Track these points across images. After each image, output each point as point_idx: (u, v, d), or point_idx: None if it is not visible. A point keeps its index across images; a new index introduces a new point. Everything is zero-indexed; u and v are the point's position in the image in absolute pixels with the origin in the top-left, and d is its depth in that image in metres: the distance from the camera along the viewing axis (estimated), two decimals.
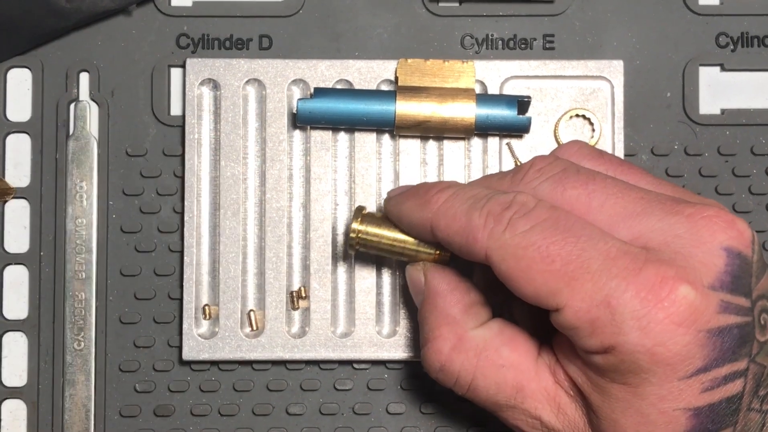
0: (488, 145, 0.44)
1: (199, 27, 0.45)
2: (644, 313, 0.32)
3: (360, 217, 0.39)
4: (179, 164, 0.44)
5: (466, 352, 0.36)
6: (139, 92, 0.45)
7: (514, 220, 0.33)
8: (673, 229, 0.33)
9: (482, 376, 0.36)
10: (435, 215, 0.35)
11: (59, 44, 0.45)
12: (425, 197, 0.36)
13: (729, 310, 0.33)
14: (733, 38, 0.45)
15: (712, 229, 0.33)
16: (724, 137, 0.45)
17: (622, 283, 0.32)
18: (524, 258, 0.33)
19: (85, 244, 0.44)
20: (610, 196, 0.34)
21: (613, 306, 0.32)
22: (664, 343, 0.32)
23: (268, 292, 0.43)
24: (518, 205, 0.34)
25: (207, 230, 0.44)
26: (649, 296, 0.32)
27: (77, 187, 0.44)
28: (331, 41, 0.45)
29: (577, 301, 0.32)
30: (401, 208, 0.37)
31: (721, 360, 0.33)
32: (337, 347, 0.43)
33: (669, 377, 0.32)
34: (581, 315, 0.32)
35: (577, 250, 0.32)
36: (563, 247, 0.32)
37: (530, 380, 0.36)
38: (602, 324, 0.32)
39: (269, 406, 0.44)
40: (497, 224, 0.33)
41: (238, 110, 0.44)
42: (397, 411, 0.44)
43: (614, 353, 0.32)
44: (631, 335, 0.32)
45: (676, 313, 0.32)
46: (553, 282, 0.32)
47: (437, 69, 0.43)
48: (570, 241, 0.32)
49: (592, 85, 0.44)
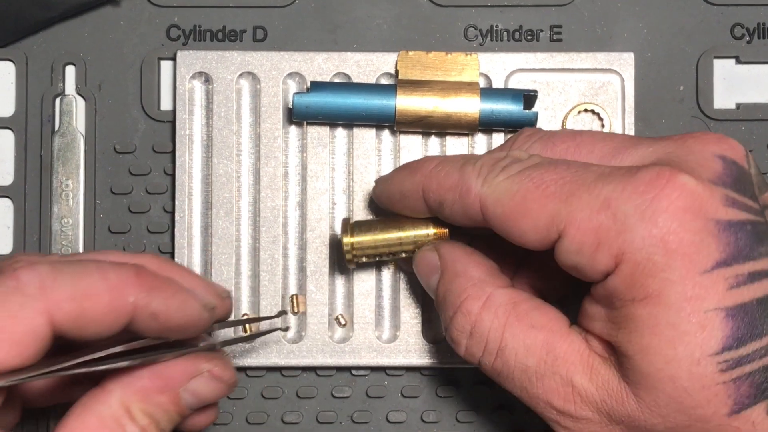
0: (493, 142, 0.44)
1: (191, 18, 0.44)
2: (646, 204, 0.32)
3: (349, 230, 0.40)
4: (170, 161, 0.44)
5: (495, 309, 0.36)
6: (128, 86, 0.44)
7: (508, 166, 0.35)
8: (663, 150, 0.34)
9: (512, 336, 0.35)
10: (427, 177, 0.37)
11: (44, 36, 0.44)
12: (415, 165, 0.38)
13: (737, 205, 0.33)
14: (749, 29, 0.45)
15: (704, 142, 0.34)
16: (739, 133, 0.44)
17: (619, 185, 0.32)
18: (519, 191, 0.34)
19: (71, 245, 0.44)
20: (598, 142, 0.36)
21: (613, 207, 0.32)
22: (674, 232, 0.32)
23: (262, 296, 0.43)
24: (511, 157, 0.35)
25: (199, 230, 0.43)
26: (648, 189, 0.32)
27: (63, 186, 0.44)
28: (328, 33, 0.44)
29: (576, 215, 0.33)
30: (391, 181, 0.39)
31: (740, 256, 0.32)
32: (334, 353, 0.43)
33: (689, 272, 0.32)
34: (583, 227, 0.33)
35: (570, 173, 0.33)
36: (556, 172, 0.34)
37: (562, 341, 0.35)
38: (606, 229, 0.32)
39: (264, 415, 0.44)
40: (491, 172, 0.35)
41: (231, 105, 0.43)
42: (398, 419, 0.44)
43: (625, 261, 0.32)
44: (638, 230, 0.32)
45: (679, 198, 0.32)
46: (550, 205, 0.33)
47: (439, 62, 0.43)
48: (562, 167, 0.34)
49: (602, 78, 0.43)
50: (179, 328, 0.34)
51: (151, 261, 0.35)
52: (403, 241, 0.39)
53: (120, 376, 0.34)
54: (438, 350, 0.43)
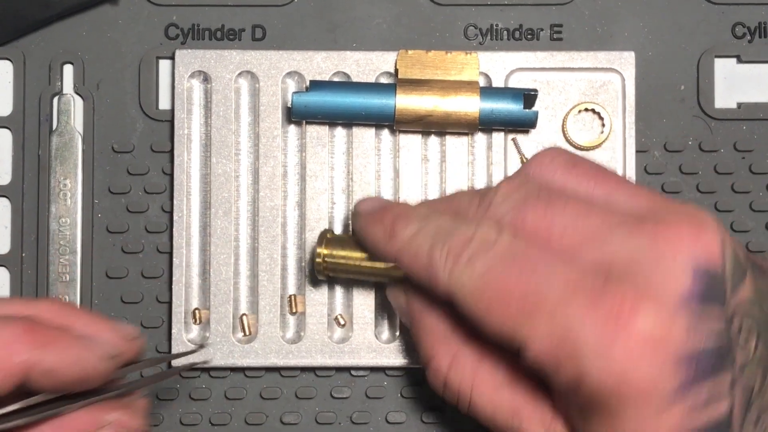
0: (493, 141, 0.43)
1: (189, 17, 0.44)
2: (605, 343, 0.31)
3: (324, 241, 0.40)
4: (168, 161, 0.44)
5: (462, 370, 0.36)
6: (126, 85, 0.44)
7: (473, 258, 0.34)
8: (636, 251, 0.33)
9: (479, 395, 0.36)
10: (399, 252, 0.36)
11: (42, 35, 0.44)
12: (391, 229, 0.37)
13: (699, 330, 0.32)
14: (751, 28, 0.44)
15: (676, 248, 0.32)
16: (740, 132, 0.44)
17: (579, 315, 0.32)
18: (483, 298, 0.33)
19: (69, 245, 0.44)
20: (569, 224, 0.34)
21: (573, 339, 0.32)
22: (631, 372, 0.31)
23: (261, 296, 0.43)
24: (479, 241, 0.34)
25: (197, 230, 0.43)
26: (608, 324, 0.31)
27: (61, 185, 0.44)
28: (327, 31, 0.44)
29: (537, 338, 0.32)
30: (367, 234, 0.38)
31: (699, 383, 0.32)
32: (333, 353, 0.43)
33: (644, 407, 0.32)
34: (543, 351, 0.32)
35: (534, 283, 0.33)
36: (520, 281, 0.33)
37: (527, 404, 0.35)
38: (565, 359, 0.32)
39: (263, 415, 0.44)
40: (456, 264, 0.34)
41: (229, 104, 0.43)
42: (397, 420, 0.44)
43: (583, 387, 0.32)
44: (596, 368, 0.31)
45: (639, 339, 0.31)
46: (512, 320, 0.33)
47: (439, 61, 0.42)
48: (526, 274, 0.33)
49: (602, 77, 0.43)
50: (77, 382, 0.33)
51: (49, 308, 0.34)
52: (375, 267, 0.39)
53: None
54: None
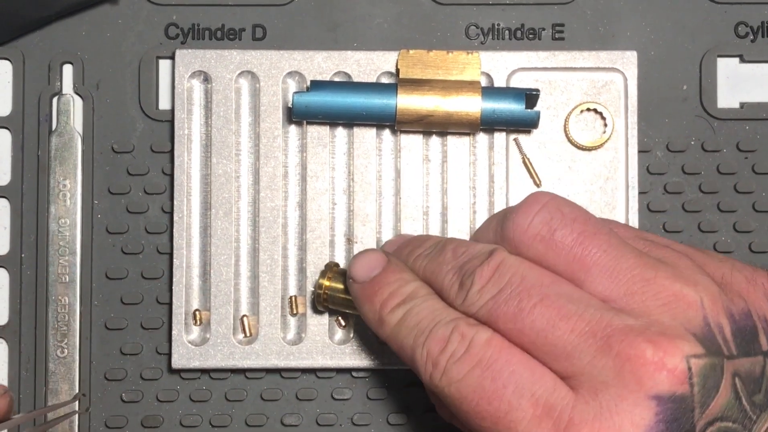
0: (494, 141, 0.43)
1: (189, 16, 0.44)
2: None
3: (329, 274, 0.41)
4: (168, 161, 0.44)
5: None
6: (126, 85, 0.44)
7: (449, 368, 0.35)
8: (602, 375, 0.33)
9: None
10: (387, 339, 0.37)
11: (41, 34, 0.44)
12: (379, 314, 0.37)
13: None
14: (753, 28, 0.44)
15: (639, 376, 0.32)
16: (743, 132, 0.44)
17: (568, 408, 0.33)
18: (462, 409, 0.34)
19: (68, 246, 0.43)
20: (539, 335, 0.34)
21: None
22: None
23: (262, 297, 0.43)
24: (454, 344, 0.35)
25: (197, 231, 0.43)
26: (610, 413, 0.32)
27: (60, 186, 0.44)
28: (328, 31, 0.44)
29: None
30: (360, 310, 0.38)
31: None
32: (334, 354, 0.43)
33: None
34: None
35: (503, 409, 0.34)
36: (491, 405, 0.34)
37: None
38: None
39: (263, 417, 0.43)
40: (435, 370, 0.35)
41: (230, 104, 0.43)
42: (399, 421, 0.44)
43: None
44: None
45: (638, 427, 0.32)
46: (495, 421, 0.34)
47: (440, 60, 0.42)
48: (496, 398, 0.34)
49: (605, 77, 0.43)
50: None
51: None
52: None
53: None
54: None
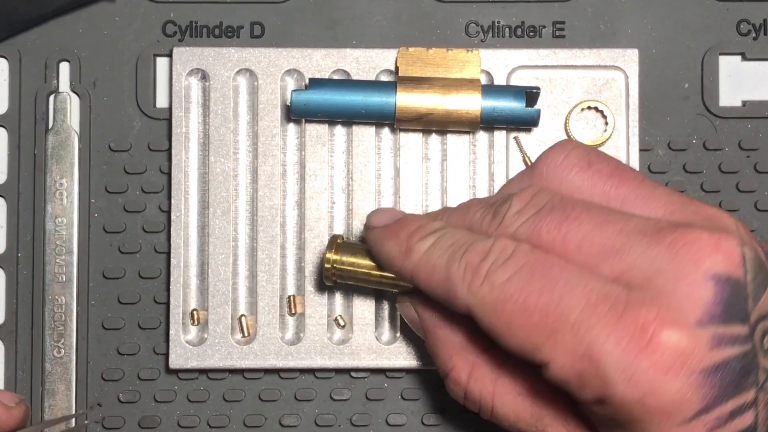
0: (494, 140, 0.43)
1: (187, 14, 0.44)
2: (628, 363, 0.31)
3: (335, 247, 0.40)
4: (165, 160, 0.44)
5: (482, 380, 0.37)
6: (123, 83, 0.44)
7: (492, 272, 0.34)
8: (655, 263, 0.33)
9: (501, 404, 0.36)
10: (415, 267, 0.36)
11: (38, 32, 0.44)
12: (406, 244, 0.37)
13: (724, 343, 0.32)
14: (756, 25, 0.44)
15: (696, 257, 0.32)
16: (745, 131, 0.44)
17: (603, 332, 0.32)
18: (504, 312, 0.33)
19: (65, 245, 0.43)
20: (586, 236, 0.34)
21: (595, 358, 0.32)
22: (654, 392, 0.31)
23: (260, 296, 0.43)
24: (496, 253, 0.34)
25: (195, 230, 0.43)
26: (631, 344, 0.31)
27: (57, 184, 0.43)
28: (327, 29, 0.44)
29: (560, 356, 0.32)
30: (381, 250, 0.38)
31: (723, 397, 0.32)
32: (333, 355, 0.42)
33: (669, 422, 0.32)
34: (566, 369, 0.32)
35: (555, 299, 0.33)
36: (541, 297, 0.33)
37: (549, 410, 0.36)
38: (589, 377, 0.32)
39: (261, 418, 0.43)
40: (475, 277, 0.34)
41: (228, 102, 0.43)
42: (398, 422, 0.43)
43: (608, 404, 0.32)
44: (618, 387, 0.32)
45: (661, 359, 0.31)
46: (534, 336, 0.33)
47: (440, 58, 0.42)
48: (547, 290, 0.33)
49: (605, 75, 0.43)
50: None
51: None
52: (383, 278, 0.39)
53: None
54: None
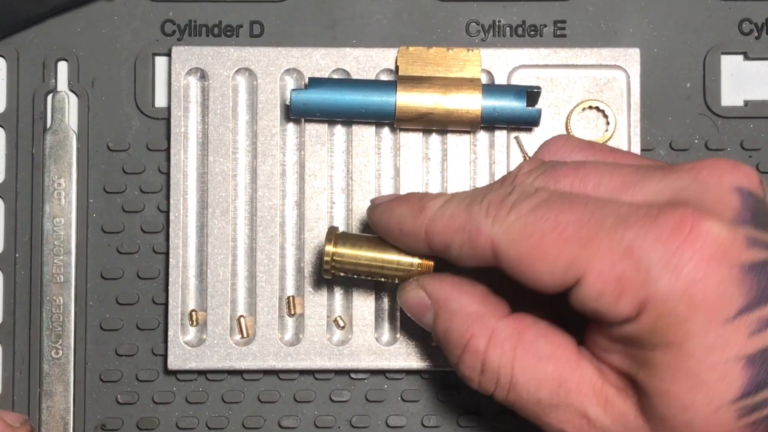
0: (495, 139, 0.43)
1: (186, 13, 0.44)
2: (670, 254, 0.31)
3: (333, 239, 0.39)
4: (164, 159, 0.43)
5: (501, 345, 0.35)
6: (122, 82, 0.44)
7: (518, 203, 0.33)
8: (677, 184, 0.33)
9: (522, 371, 0.35)
10: (432, 220, 0.35)
11: (36, 31, 0.44)
12: (419, 204, 0.36)
13: (758, 244, 0.32)
14: (758, 25, 0.44)
15: (718, 174, 0.33)
16: (747, 130, 0.44)
17: (641, 230, 0.31)
18: (534, 233, 0.32)
19: (63, 245, 0.43)
20: (604, 175, 0.34)
21: (636, 255, 0.31)
22: (698, 283, 0.31)
23: (259, 297, 0.42)
24: (518, 192, 0.34)
25: (194, 230, 0.43)
26: (672, 236, 0.31)
27: (55, 184, 0.43)
28: (326, 28, 0.44)
29: (597, 262, 0.32)
30: (391, 214, 0.37)
31: (763, 298, 0.32)
32: (333, 356, 0.42)
33: (712, 322, 0.31)
34: (604, 275, 0.32)
35: (588, 213, 0.32)
36: (573, 214, 0.32)
37: (573, 372, 0.34)
38: (628, 278, 0.31)
39: (260, 419, 0.43)
40: (501, 210, 0.33)
41: (227, 102, 0.43)
42: (398, 424, 0.43)
43: (648, 310, 0.31)
44: (662, 281, 0.31)
45: (703, 248, 0.31)
46: (568, 250, 0.32)
47: (441, 57, 0.42)
48: (578, 208, 0.32)
49: (607, 74, 0.43)
50: None
51: None
52: (385, 265, 0.38)
53: None
54: (439, 353, 0.42)
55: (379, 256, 0.38)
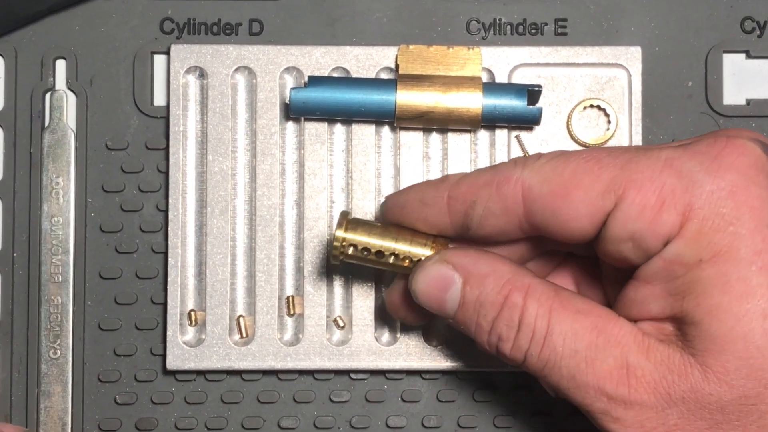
0: (496, 138, 0.43)
1: (185, 10, 0.44)
2: (711, 160, 0.32)
3: (345, 224, 0.38)
4: (163, 158, 0.43)
5: (539, 297, 0.34)
6: (120, 81, 0.44)
7: (547, 155, 0.34)
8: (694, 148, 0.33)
9: (558, 321, 0.34)
10: (455, 183, 0.35)
11: (34, 29, 0.44)
12: (439, 179, 0.36)
13: None
14: (760, 23, 0.44)
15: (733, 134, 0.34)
16: (749, 129, 0.43)
17: (678, 149, 0.32)
18: (568, 167, 0.33)
19: (61, 245, 0.43)
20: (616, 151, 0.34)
21: (677, 165, 0.32)
22: (742, 184, 0.32)
23: (258, 297, 0.42)
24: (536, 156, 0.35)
25: (193, 230, 0.43)
26: (710, 149, 0.32)
27: (53, 183, 0.43)
28: (326, 26, 0.44)
29: (637, 176, 0.32)
30: (410, 190, 0.37)
31: None
32: (332, 356, 0.42)
33: (758, 224, 0.32)
34: (645, 187, 0.32)
35: (622, 149, 0.33)
36: (606, 150, 0.33)
37: (612, 324, 0.34)
38: (671, 187, 0.32)
39: (260, 420, 0.43)
40: (530, 159, 0.34)
41: (226, 100, 0.43)
42: (398, 425, 0.43)
43: (693, 217, 0.32)
44: (705, 184, 0.32)
45: (741, 155, 0.32)
46: (605, 173, 0.32)
47: (441, 56, 0.42)
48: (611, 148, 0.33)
49: (608, 73, 0.43)
50: None
51: None
52: (397, 252, 0.37)
53: None
54: (439, 353, 0.42)
55: (391, 243, 0.37)
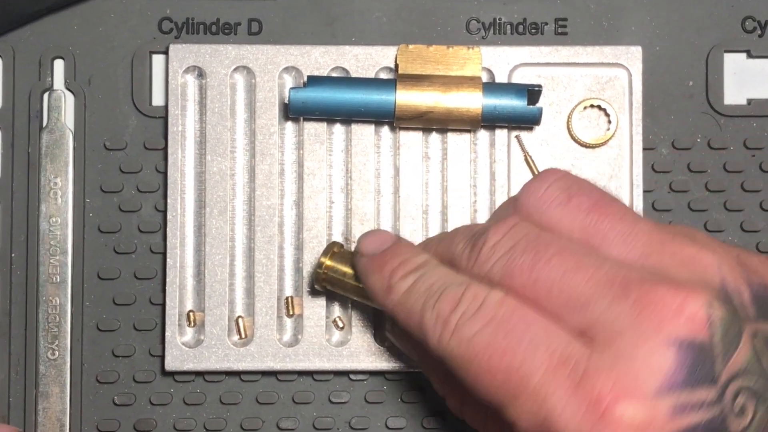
0: (496, 138, 0.43)
1: (184, 10, 0.44)
2: (586, 430, 0.31)
3: (330, 254, 0.40)
4: (161, 158, 0.43)
5: (473, 412, 0.39)
6: (119, 81, 0.44)
7: (460, 326, 0.34)
8: (618, 322, 0.32)
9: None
10: (395, 307, 0.37)
11: (32, 29, 0.44)
12: (388, 282, 0.37)
13: (687, 410, 0.31)
14: (761, 22, 0.44)
15: (658, 320, 0.32)
16: (750, 129, 0.44)
17: (561, 401, 0.32)
18: (471, 369, 0.34)
19: (59, 245, 0.43)
20: (555, 284, 0.34)
21: (554, 423, 0.32)
22: None
23: (257, 297, 0.42)
24: (466, 303, 0.35)
25: (191, 230, 0.43)
26: (586, 416, 0.31)
27: (51, 184, 0.43)
28: (325, 25, 0.44)
29: (523, 420, 0.33)
30: (366, 282, 0.38)
31: None
32: (332, 357, 0.42)
33: None
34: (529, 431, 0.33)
35: (517, 362, 0.33)
36: (503, 358, 0.33)
37: None
38: None
39: (259, 420, 0.43)
40: (445, 329, 0.35)
41: (225, 100, 0.43)
42: (397, 425, 0.43)
43: None
44: None
45: (620, 427, 0.31)
46: (499, 396, 0.33)
47: (441, 56, 0.42)
48: (510, 351, 0.33)
49: (609, 73, 0.43)
50: None
51: None
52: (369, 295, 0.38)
53: None
54: None
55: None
